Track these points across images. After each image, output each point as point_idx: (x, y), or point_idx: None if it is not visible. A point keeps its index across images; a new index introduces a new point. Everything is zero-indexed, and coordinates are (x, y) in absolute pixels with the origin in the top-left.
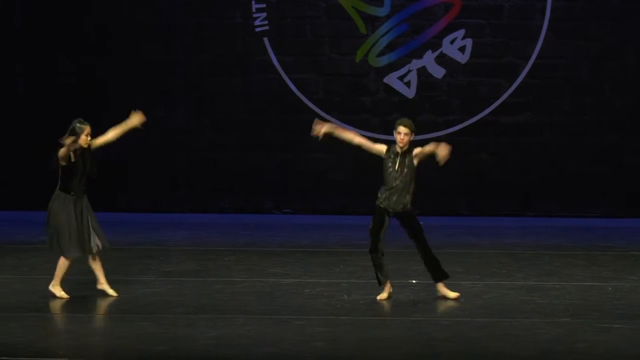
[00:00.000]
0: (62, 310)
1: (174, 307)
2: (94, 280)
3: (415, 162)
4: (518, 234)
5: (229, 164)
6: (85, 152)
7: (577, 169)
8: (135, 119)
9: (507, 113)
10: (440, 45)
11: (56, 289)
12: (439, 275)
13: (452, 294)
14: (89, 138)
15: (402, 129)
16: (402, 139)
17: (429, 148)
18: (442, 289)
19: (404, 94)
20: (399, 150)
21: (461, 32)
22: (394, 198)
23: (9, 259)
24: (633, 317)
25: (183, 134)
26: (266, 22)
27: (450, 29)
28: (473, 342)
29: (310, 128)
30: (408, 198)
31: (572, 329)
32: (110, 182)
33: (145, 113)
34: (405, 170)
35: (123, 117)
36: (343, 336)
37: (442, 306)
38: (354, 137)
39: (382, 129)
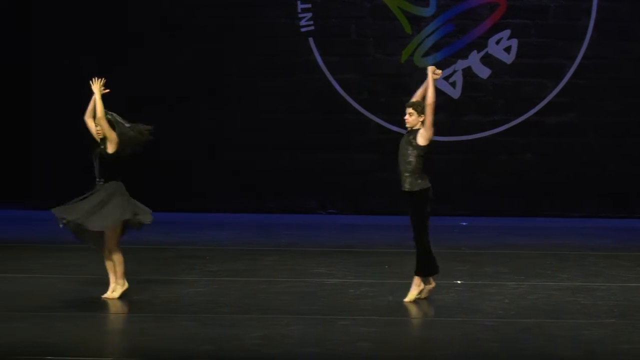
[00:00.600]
0: (107, 310)
1: (218, 307)
2: (139, 280)
3: (418, 139)
4: (563, 235)
5: (274, 164)
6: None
7: (621, 170)
8: (95, 88)
9: (552, 113)
10: (485, 46)
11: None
12: (419, 269)
13: (411, 296)
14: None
15: (407, 109)
16: (406, 119)
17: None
18: (414, 283)
19: (449, 94)
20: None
21: (507, 33)
22: (401, 178)
23: (54, 258)
24: None
25: (229, 134)
26: (311, 22)
27: (495, 29)
28: (518, 343)
29: (354, 128)
30: (409, 179)
31: (617, 330)
32: (156, 182)
33: (193, 112)
34: (407, 150)
35: (173, 115)
36: (388, 337)
37: (488, 307)
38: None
39: None
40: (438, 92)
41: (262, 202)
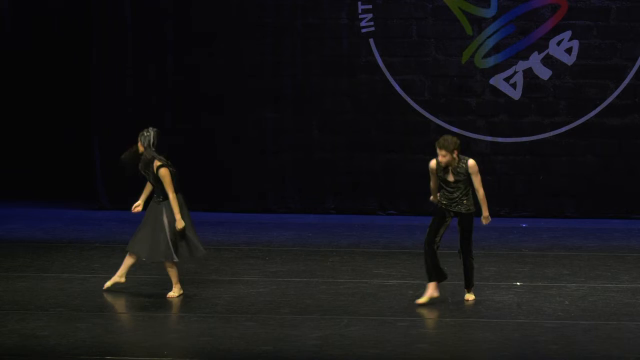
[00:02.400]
0: (167, 311)
1: (278, 307)
2: (200, 280)
3: (464, 176)
4: (625, 237)
5: (333, 164)
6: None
7: None
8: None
9: (614, 115)
10: (546, 47)
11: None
12: (468, 283)
13: (423, 299)
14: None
15: (439, 151)
16: (443, 160)
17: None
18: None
19: (510, 95)
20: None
21: (568, 34)
22: (453, 200)
23: (116, 258)
24: None
25: (289, 134)
26: (372, 23)
27: (557, 30)
28: (578, 344)
29: (414, 129)
30: (468, 201)
31: None
32: (217, 183)
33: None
34: (457, 176)
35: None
36: (447, 338)
37: (547, 308)
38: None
39: (488, 131)
40: (499, 93)
41: (321, 203)
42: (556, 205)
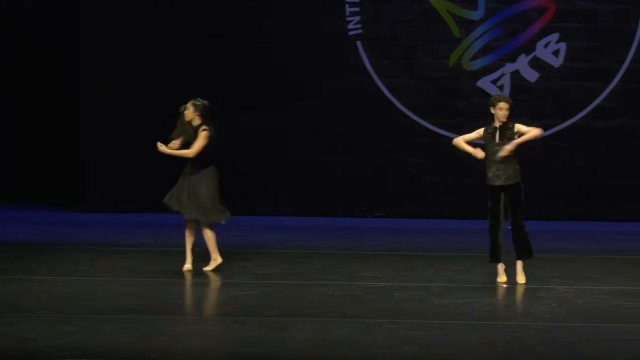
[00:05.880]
0: (154, 313)
1: (266, 309)
2: (185, 282)
3: (516, 137)
4: (613, 239)
5: (321, 167)
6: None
7: None
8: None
9: (602, 117)
10: (534, 49)
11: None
12: (523, 251)
13: (521, 279)
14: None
15: (503, 105)
16: (505, 114)
17: (526, 137)
18: (518, 268)
19: None
20: (497, 125)
21: (555, 36)
22: (501, 172)
23: (102, 260)
24: None
25: (278, 136)
26: (359, 25)
27: (544, 32)
28: (567, 347)
29: (403, 131)
30: (515, 169)
31: None
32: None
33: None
34: (507, 142)
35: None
36: (435, 340)
37: (535, 310)
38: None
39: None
40: (486, 95)
41: (309, 205)
42: (544, 208)
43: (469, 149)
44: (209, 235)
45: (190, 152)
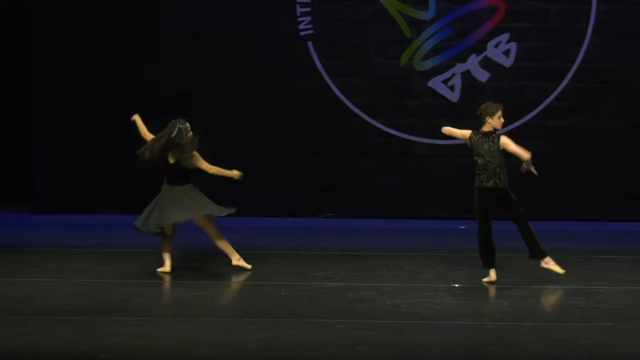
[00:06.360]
0: (107, 314)
1: (219, 310)
2: (139, 283)
3: (500, 146)
4: (564, 238)
5: (273, 167)
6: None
7: (621, 173)
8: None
9: (553, 117)
10: (484, 49)
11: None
12: (536, 251)
13: (559, 270)
14: None
15: (501, 114)
16: (503, 122)
17: (513, 148)
18: (549, 265)
19: (449, 97)
20: (487, 130)
21: (506, 36)
22: (493, 175)
23: (54, 262)
24: None
25: (230, 138)
26: (310, 26)
27: (494, 32)
28: (519, 346)
29: (354, 131)
30: (504, 175)
31: (617, 333)
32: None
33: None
34: (495, 148)
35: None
36: (387, 340)
37: (487, 310)
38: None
39: (427, 133)
40: (437, 95)
41: (261, 206)
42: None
43: (459, 132)
44: (214, 233)
45: (211, 169)
